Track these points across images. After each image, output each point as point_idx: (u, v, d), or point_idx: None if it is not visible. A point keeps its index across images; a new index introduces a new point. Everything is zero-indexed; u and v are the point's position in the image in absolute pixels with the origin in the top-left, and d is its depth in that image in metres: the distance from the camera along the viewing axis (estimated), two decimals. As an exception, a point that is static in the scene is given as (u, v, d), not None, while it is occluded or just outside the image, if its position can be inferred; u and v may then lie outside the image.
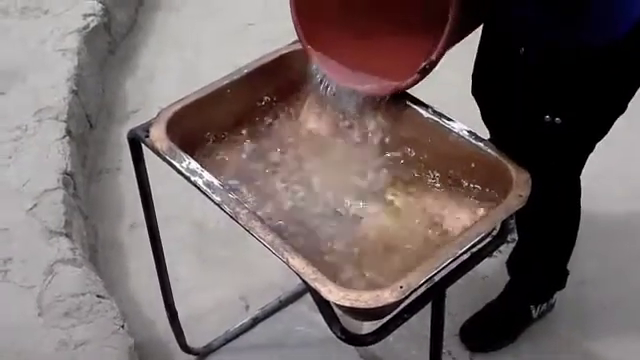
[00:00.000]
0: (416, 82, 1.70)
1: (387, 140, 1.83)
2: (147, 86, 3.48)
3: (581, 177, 2.13)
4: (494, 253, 2.54)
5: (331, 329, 1.46)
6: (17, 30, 3.35)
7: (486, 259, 2.54)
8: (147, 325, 2.47)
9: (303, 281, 1.42)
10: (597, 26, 1.67)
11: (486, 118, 2.11)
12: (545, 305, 2.44)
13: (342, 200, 1.78)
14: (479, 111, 2.13)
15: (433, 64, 1.65)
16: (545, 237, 2.29)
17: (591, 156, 2.02)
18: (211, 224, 2.75)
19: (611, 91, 1.81)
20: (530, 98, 1.85)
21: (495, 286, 2.50)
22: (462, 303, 2.46)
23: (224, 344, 2.41)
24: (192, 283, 2.58)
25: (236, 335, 2.42)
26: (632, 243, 2.71)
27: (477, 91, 2.10)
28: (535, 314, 2.42)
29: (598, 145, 1.98)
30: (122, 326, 2.22)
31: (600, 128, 1.91)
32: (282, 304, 2.48)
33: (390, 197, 1.77)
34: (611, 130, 1.93)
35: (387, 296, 1.37)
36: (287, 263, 1.44)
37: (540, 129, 1.84)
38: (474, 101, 2.14)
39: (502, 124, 2.04)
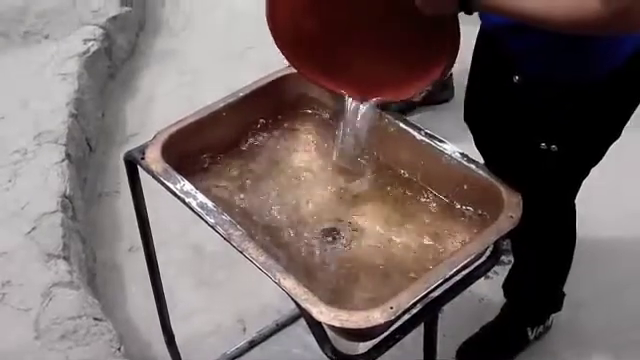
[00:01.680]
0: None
1: (381, 161, 1.84)
2: (147, 110, 3.50)
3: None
4: (490, 275, 2.60)
5: (322, 349, 1.47)
6: (18, 54, 3.38)
7: (483, 281, 2.60)
8: (144, 348, 2.47)
9: (294, 301, 1.42)
10: (594, 60, 1.67)
11: (479, 145, 2.11)
12: (541, 327, 2.44)
13: (335, 221, 1.79)
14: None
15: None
16: (541, 260, 2.29)
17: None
18: (209, 247, 2.75)
19: (606, 119, 1.81)
20: (525, 126, 1.85)
21: (492, 308, 2.50)
22: (459, 325, 2.46)
23: (221, 367, 2.41)
24: (190, 306, 2.58)
25: (233, 358, 2.42)
26: (627, 264, 2.72)
27: (470, 118, 2.11)
28: (531, 336, 2.42)
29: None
30: (119, 349, 2.22)
31: (595, 154, 1.91)
32: (279, 327, 2.49)
33: (384, 217, 1.78)
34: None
35: (377, 317, 1.37)
36: (279, 284, 1.45)
37: (535, 156, 1.85)
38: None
39: (496, 151, 2.04)
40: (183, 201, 1.65)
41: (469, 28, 1.74)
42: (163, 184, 1.69)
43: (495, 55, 1.85)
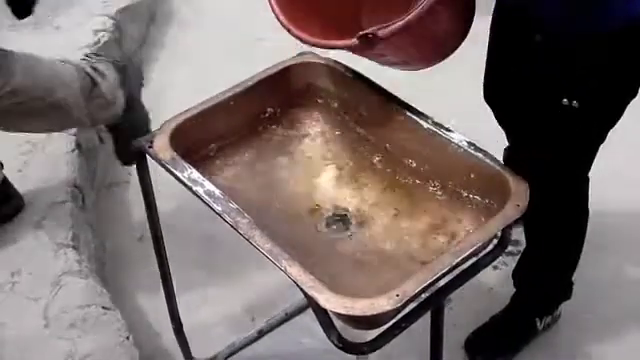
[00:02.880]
0: (350, 48, 1.61)
1: (388, 149, 1.85)
2: (158, 100, 3.49)
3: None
4: (500, 265, 2.61)
5: (328, 337, 1.47)
6: (28, 45, 3.37)
7: (492, 271, 2.60)
8: (153, 337, 2.48)
9: (300, 289, 1.42)
10: (612, 7, 1.70)
11: (501, 119, 2.13)
12: (550, 318, 2.44)
13: (343, 209, 1.80)
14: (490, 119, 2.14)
15: (376, 38, 1.53)
16: (553, 242, 2.29)
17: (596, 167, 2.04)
18: (218, 236, 2.75)
19: (624, 72, 1.83)
20: (547, 85, 1.86)
21: (501, 299, 2.50)
22: (468, 315, 2.47)
23: (229, 356, 2.41)
24: (198, 295, 2.59)
25: (242, 347, 2.42)
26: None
27: (490, 94, 2.12)
28: (540, 326, 2.42)
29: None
30: (127, 338, 2.23)
31: (614, 112, 1.92)
32: (288, 316, 2.48)
33: (391, 205, 1.78)
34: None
35: (383, 304, 1.37)
36: (285, 271, 1.45)
37: (557, 116, 1.87)
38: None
39: (518, 122, 2.06)
40: (190, 189, 1.65)
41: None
42: (171, 172, 1.69)
43: (515, 23, 1.89)
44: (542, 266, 2.35)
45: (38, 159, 2.77)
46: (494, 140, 2.05)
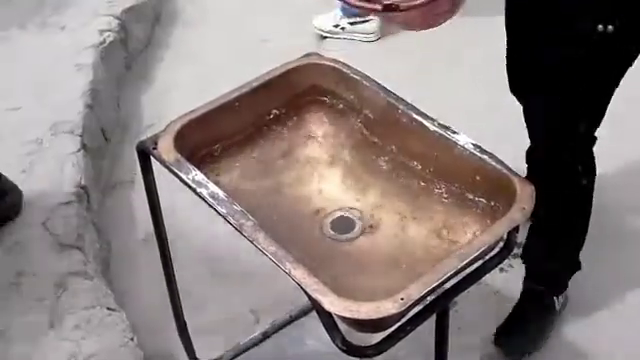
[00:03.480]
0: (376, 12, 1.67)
1: (394, 152, 1.84)
2: (163, 101, 3.51)
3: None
4: (505, 268, 2.59)
5: (332, 340, 1.46)
6: (34, 45, 3.39)
7: (498, 274, 2.59)
8: (157, 338, 2.47)
9: (304, 292, 1.42)
10: None
11: (524, 81, 2.14)
12: (563, 297, 2.48)
13: (348, 211, 1.79)
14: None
15: (397, 9, 1.60)
16: (563, 209, 2.29)
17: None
18: (223, 237, 2.75)
19: None
20: (583, 10, 1.86)
21: (507, 300, 2.49)
22: (473, 318, 2.46)
23: (234, 358, 2.40)
24: (203, 296, 2.59)
25: (246, 349, 2.42)
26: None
27: (517, 67, 2.13)
28: (558, 307, 2.46)
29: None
30: (132, 339, 2.23)
31: None
32: (292, 318, 2.48)
33: (397, 208, 1.77)
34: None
35: (388, 307, 1.37)
36: (289, 274, 1.44)
37: (591, 41, 1.86)
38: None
39: (546, 80, 2.04)
40: (195, 191, 1.64)
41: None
42: (175, 174, 1.69)
43: None
44: (553, 233, 2.36)
45: (43, 159, 2.77)
46: (499, 141, 2.05)
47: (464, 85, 2.04)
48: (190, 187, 1.65)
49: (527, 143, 2.22)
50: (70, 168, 2.74)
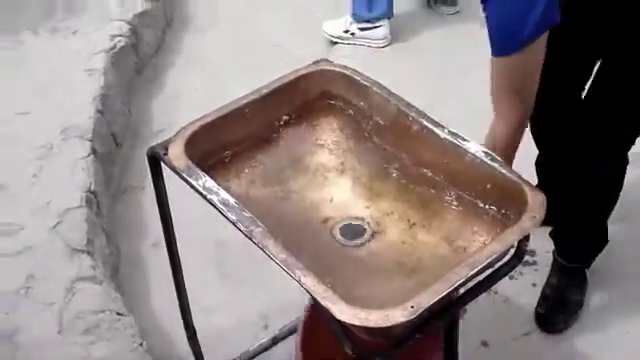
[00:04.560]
0: None
1: (404, 159, 1.84)
2: (173, 106, 3.51)
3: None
4: (515, 275, 2.58)
5: (342, 346, 1.46)
6: (46, 50, 3.40)
7: (508, 281, 2.58)
8: (166, 343, 2.48)
9: (314, 299, 1.42)
10: None
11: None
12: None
13: (358, 218, 1.79)
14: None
15: None
16: (594, 199, 2.40)
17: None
18: (233, 243, 2.75)
19: None
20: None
21: (517, 308, 2.49)
22: (482, 325, 2.45)
23: (243, 363, 2.41)
24: (212, 301, 2.59)
25: (255, 354, 2.42)
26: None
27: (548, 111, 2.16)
28: (589, 278, 2.58)
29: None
30: (141, 344, 2.23)
31: None
32: (301, 324, 2.48)
33: (406, 215, 1.77)
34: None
35: (397, 316, 1.36)
36: (299, 281, 1.44)
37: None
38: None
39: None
40: (205, 197, 1.64)
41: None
42: (185, 180, 1.69)
43: None
44: (587, 214, 2.44)
45: (53, 164, 2.78)
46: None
47: (476, 91, 2.03)
48: (200, 193, 1.65)
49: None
50: (80, 173, 2.74)
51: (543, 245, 2.62)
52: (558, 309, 2.52)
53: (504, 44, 1.63)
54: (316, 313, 2.08)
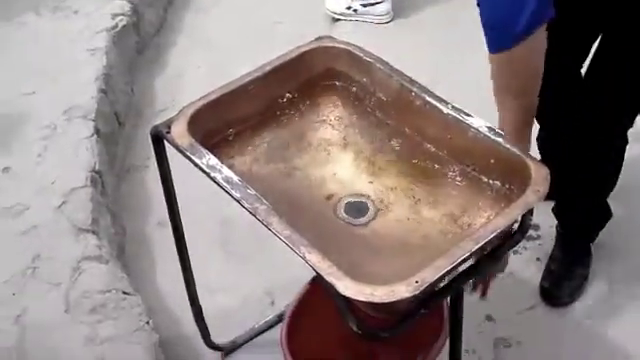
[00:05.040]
0: None
1: (407, 134, 1.83)
2: (176, 85, 3.51)
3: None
4: (519, 249, 2.59)
5: (346, 323, 1.47)
6: (47, 29, 3.39)
7: (512, 255, 2.58)
8: (173, 321, 2.49)
9: (319, 275, 1.42)
10: None
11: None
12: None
13: (362, 195, 1.79)
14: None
15: None
16: (596, 176, 2.41)
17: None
18: (237, 221, 2.76)
19: None
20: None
21: (521, 282, 2.49)
22: (487, 299, 2.45)
23: (249, 340, 2.42)
24: (218, 279, 2.60)
25: (262, 331, 2.43)
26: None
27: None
28: (593, 251, 2.60)
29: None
30: (147, 322, 2.24)
31: None
32: (307, 300, 2.49)
33: (410, 191, 1.77)
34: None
35: (402, 291, 1.37)
36: (303, 258, 1.44)
37: None
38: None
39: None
40: (209, 175, 1.65)
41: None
42: (189, 158, 1.69)
43: None
44: (589, 190, 2.45)
45: (58, 144, 2.78)
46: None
47: (480, 66, 2.02)
48: (204, 171, 1.65)
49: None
50: (84, 153, 2.75)
51: (546, 220, 2.62)
52: (563, 283, 2.53)
53: (499, 39, 1.60)
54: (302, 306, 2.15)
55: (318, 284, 2.09)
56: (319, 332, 2.09)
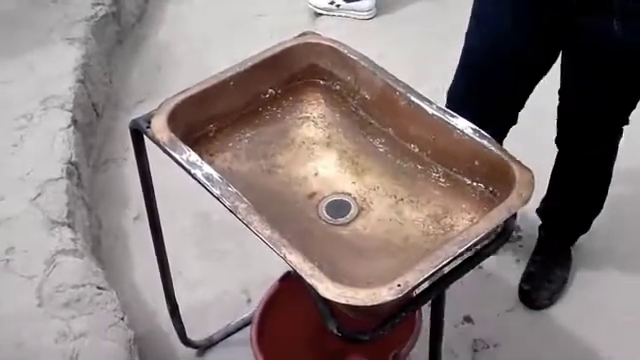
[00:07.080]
0: None
1: (391, 134, 1.81)
2: (155, 76, 3.48)
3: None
4: (500, 251, 2.57)
5: (327, 325, 1.45)
6: (26, 18, 3.34)
7: (492, 256, 2.58)
8: (148, 317, 2.46)
9: (300, 277, 1.40)
10: None
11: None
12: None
13: (344, 194, 1.76)
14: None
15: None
16: (586, 184, 2.41)
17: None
18: (215, 217, 2.74)
19: None
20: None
21: (500, 283, 2.48)
22: (465, 300, 2.45)
23: (225, 337, 2.40)
24: (194, 275, 2.58)
25: (237, 328, 2.41)
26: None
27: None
28: (573, 253, 2.62)
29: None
30: (122, 318, 2.21)
31: None
32: (285, 299, 2.47)
33: (393, 191, 1.75)
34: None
35: (384, 294, 1.34)
36: (284, 258, 1.42)
37: None
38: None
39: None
40: (189, 172, 1.61)
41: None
42: (169, 154, 1.66)
43: None
44: (578, 199, 2.46)
45: (33, 134, 2.74)
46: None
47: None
48: (184, 168, 1.62)
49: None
50: (60, 144, 2.70)
51: (527, 221, 2.62)
52: (542, 286, 2.52)
53: None
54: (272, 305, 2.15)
55: (288, 282, 2.09)
56: (289, 330, 2.08)
